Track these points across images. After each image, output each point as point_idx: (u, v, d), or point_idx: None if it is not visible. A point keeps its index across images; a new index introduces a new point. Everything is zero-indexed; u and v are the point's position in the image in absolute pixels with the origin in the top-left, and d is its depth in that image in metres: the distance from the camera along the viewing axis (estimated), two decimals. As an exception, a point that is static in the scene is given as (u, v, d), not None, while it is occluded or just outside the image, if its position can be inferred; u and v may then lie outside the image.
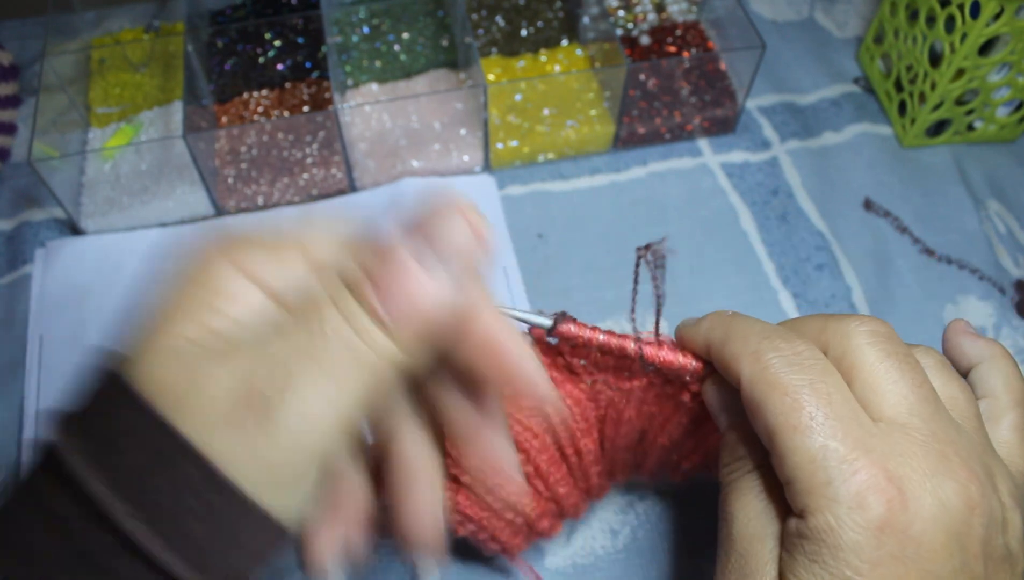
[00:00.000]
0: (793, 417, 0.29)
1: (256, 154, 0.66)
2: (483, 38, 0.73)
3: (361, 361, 0.24)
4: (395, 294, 0.24)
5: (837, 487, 0.28)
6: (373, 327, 0.24)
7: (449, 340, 0.27)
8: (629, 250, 0.64)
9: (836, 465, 0.28)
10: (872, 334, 0.31)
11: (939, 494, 0.28)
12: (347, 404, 0.24)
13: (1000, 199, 0.68)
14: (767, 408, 0.30)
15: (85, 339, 0.59)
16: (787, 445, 0.29)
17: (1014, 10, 0.58)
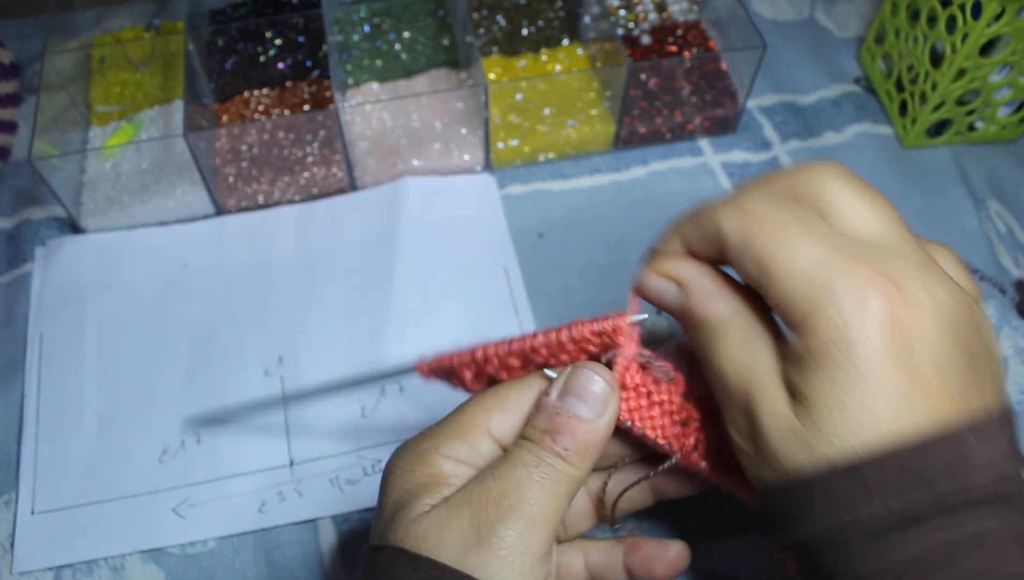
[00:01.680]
0: (781, 241, 0.30)
1: (257, 153, 0.66)
2: (484, 37, 0.73)
3: (556, 481, 0.33)
4: (566, 437, 0.33)
5: (837, 289, 0.28)
6: (558, 460, 0.33)
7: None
8: (629, 250, 0.64)
9: (831, 273, 0.29)
10: (841, 175, 0.33)
11: (932, 293, 0.29)
12: (554, 514, 0.33)
13: (1001, 199, 0.68)
14: (755, 243, 0.30)
15: (85, 338, 0.59)
16: (781, 267, 0.30)
17: (1015, 10, 0.58)
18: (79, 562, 0.50)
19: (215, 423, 0.53)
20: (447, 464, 0.34)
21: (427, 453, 0.34)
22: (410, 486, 0.34)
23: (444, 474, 0.34)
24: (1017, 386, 0.58)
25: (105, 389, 0.56)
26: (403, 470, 0.34)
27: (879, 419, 0.28)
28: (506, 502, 0.32)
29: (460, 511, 0.32)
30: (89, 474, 0.53)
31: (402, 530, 0.33)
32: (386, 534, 0.33)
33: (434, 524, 0.32)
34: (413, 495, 0.33)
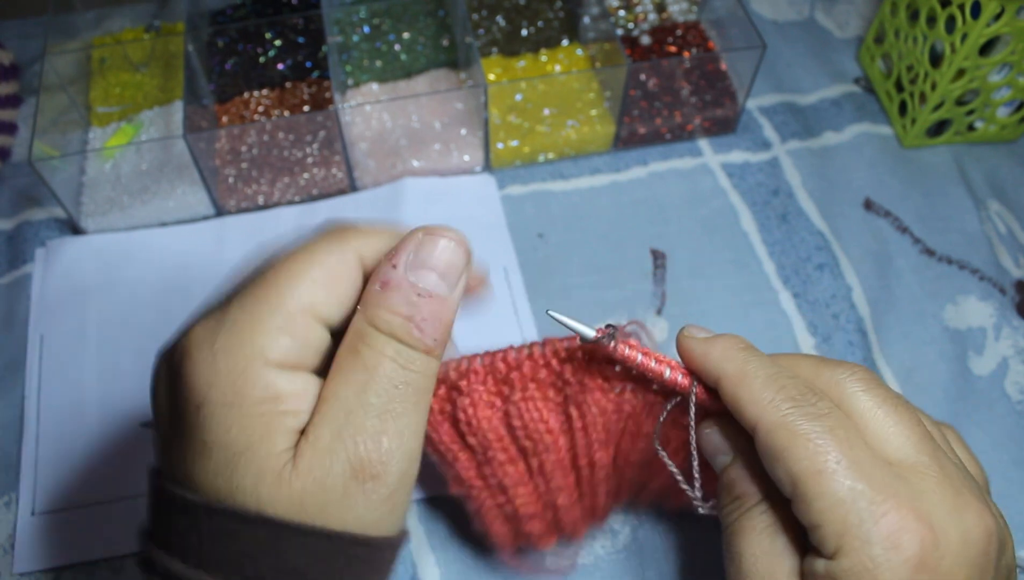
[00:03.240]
0: (818, 462, 0.30)
1: (256, 154, 0.66)
2: (484, 38, 0.73)
3: (421, 387, 0.30)
4: (432, 325, 0.30)
5: (869, 528, 0.29)
6: (421, 357, 0.30)
7: None
8: (629, 250, 0.64)
9: (866, 507, 0.29)
10: (863, 381, 0.33)
11: (962, 528, 0.29)
12: (422, 423, 0.30)
13: (1000, 199, 0.68)
14: (789, 455, 0.30)
15: (85, 339, 0.59)
16: (814, 490, 0.29)
17: (1015, 10, 0.58)
18: (79, 562, 0.50)
19: None
20: (281, 380, 0.29)
21: (251, 366, 0.28)
22: (244, 421, 0.28)
23: (281, 395, 0.28)
24: (1017, 386, 0.58)
25: (105, 390, 0.56)
26: (221, 391, 0.28)
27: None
28: (385, 440, 0.29)
29: (335, 458, 0.28)
30: (89, 475, 0.53)
31: (265, 492, 0.28)
32: (232, 491, 0.28)
33: (310, 481, 0.28)
34: (256, 438, 0.28)
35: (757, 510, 0.33)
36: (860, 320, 0.61)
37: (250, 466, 0.28)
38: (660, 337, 0.60)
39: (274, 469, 0.28)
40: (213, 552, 0.28)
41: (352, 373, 0.29)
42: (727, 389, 0.33)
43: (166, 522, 0.30)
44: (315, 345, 0.30)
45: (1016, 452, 0.55)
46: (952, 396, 0.58)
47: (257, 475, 0.28)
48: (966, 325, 0.61)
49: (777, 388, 0.32)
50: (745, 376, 0.32)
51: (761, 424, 0.31)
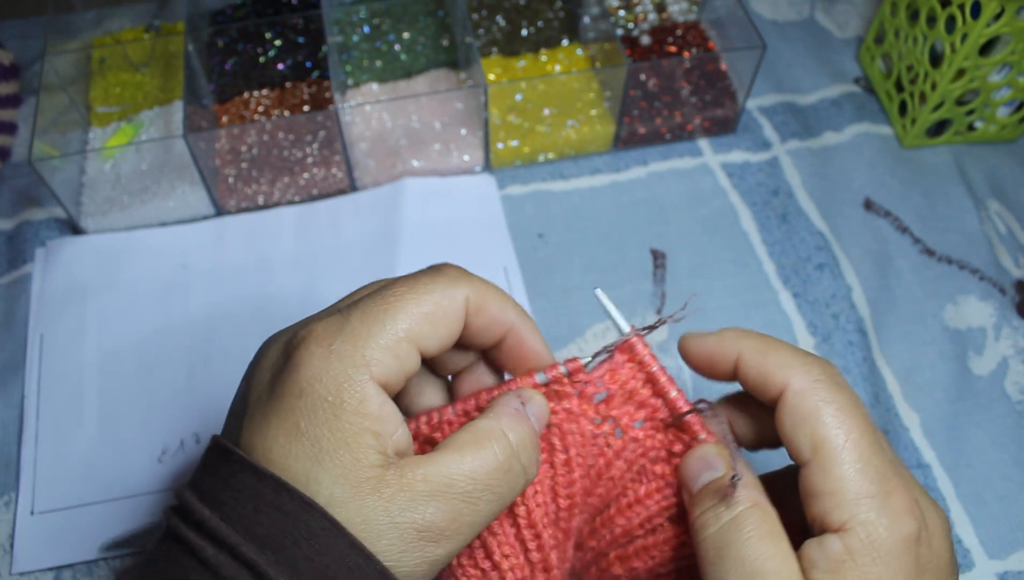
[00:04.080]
0: (847, 429, 0.32)
1: (256, 153, 0.66)
2: (483, 38, 0.73)
3: (507, 498, 0.34)
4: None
5: (881, 502, 0.31)
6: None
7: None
8: (629, 250, 0.64)
9: (880, 481, 0.31)
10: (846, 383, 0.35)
11: (935, 515, 0.33)
12: (491, 520, 0.34)
13: (1000, 199, 0.68)
14: (818, 418, 0.32)
15: (85, 338, 0.59)
16: (836, 456, 0.31)
17: (1015, 10, 0.58)
18: (79, 562, 0.50)
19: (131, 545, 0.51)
20: (377, 398, 0.31)
21: (357, 374, 0.31)
22: (340, 423, 0.30)
23: (372, 412, 0.31)
24: (1017, 386, 0.58)
25: (105, 389, 0.56)
26: (326, 388, 0.30)
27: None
28: (460, 520, 0.32)
29: (414, 507, 0.30)
30: (89, 474, 0.53)
31: (339, 494, 0.30)
32: (308, 479, 0.30)
33: (382, 510, 0.30)
34: (346, 444, 0.30)
35: (752, 512, 0.33)
36: (860, 320, 0.61)
37: (334, 466, 0.30)
38: (660, 337, 0.60)
39: (356, 479, 0.30)
40: (262, 522, 0.29)
41: (467, 456, 0.32)
42: (751, 360, 0.34)
43: (221, 481, 0.31)
44: (408, 370, 0.32)
45: (1016, 452, 0.55)
46: (952, 396, 0.58)
47: (338, 476, 0.30)
48: (966, 325, 0.61)
49: (803, 354, 0.34)
50: (770, 344, 0.34)
51: (792, 385, 0.33)
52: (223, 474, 0.31)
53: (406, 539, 0.30)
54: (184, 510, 0.30)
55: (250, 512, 0.29)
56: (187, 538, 0.29)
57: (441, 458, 0.32)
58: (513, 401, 0.35)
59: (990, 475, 0.55)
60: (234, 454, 0.31)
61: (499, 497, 0.33)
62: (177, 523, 0.30)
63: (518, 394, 0.35)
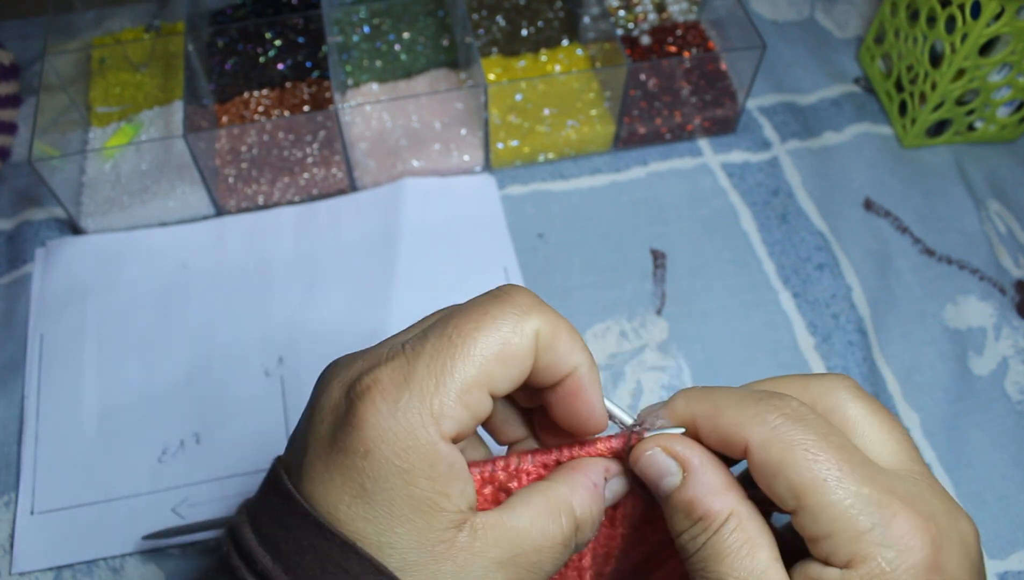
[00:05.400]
0: (819, 470, 0.29)
1: (256, 154, 0.66)
2: (484, 38, 0.73)
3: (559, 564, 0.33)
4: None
5: (882, 532, 0.28)
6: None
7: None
8: (629, 250, 0.64)
9: (876, 510, 0.29)
10: (852, 390, 0.33)
11: (959, 529, 0.30)
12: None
13: (1000, 199, 0.68)
14: (789, 466, 0.29)
15: (85, 339, 0.59)
16: (821, 499, 0.29)
17: (1015, 10, 0.58)
18: (79, 562, 0.50)
19: (169, 537, 0.51)
20: (450, 455, 0.29)
21: (426, 434, 0.29)
22: (410, 489, 0.29)
23: (443, 474, 0.29)
24: (1017, 386, 0.58)
25: (105, 389, 0.56)
26: (393, 450, 0.29)
27: None
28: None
29: (485, 572, 0.30)
30: (89, 474, 0.53)
31: (412, 559, 0.29)
32: (380, 544, 0.29)
33: (449, 574, 0.29)
34: (419, 510, 0.29)
35: (728, 528, 0.31)
36: (860, 320, 0.61)
37: (406, 531, 0.29)
38: (660, 337, 0.60)
39: (430, 544, 0.29)
40: (322, 578, 0.28)
41: (537, 524, 0.31)
42: (707, 423, 0.32)
43: (285, 530, 0.30)
44: (479, 417, 0.30)
45: (1016, 452, 0.55)
46: (952, 396, 0.58)
47: (411, 541, 0.29)
48: (966, 325, 0.61)
49: (756, 402, 0.31)
50: (720, 403, 0.32)
51: (753, 440, 0.30)
52: (286, 521, 0.30)
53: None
54: (245, 551, 0.30)
55: (314, 571, 0.28)
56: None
57: (512, 521, 0.30)
58: (595, 473, 0.33)
59: (990, 475, 0.55)
60: (298, 505, 0.30)
61: (554, 568, 0.32)
62: (239, 565, 0.29)
63: (606, 466, 0.33)
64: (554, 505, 0.31)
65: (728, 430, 0.31)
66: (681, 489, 0.32)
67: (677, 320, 0.60)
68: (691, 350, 0.59)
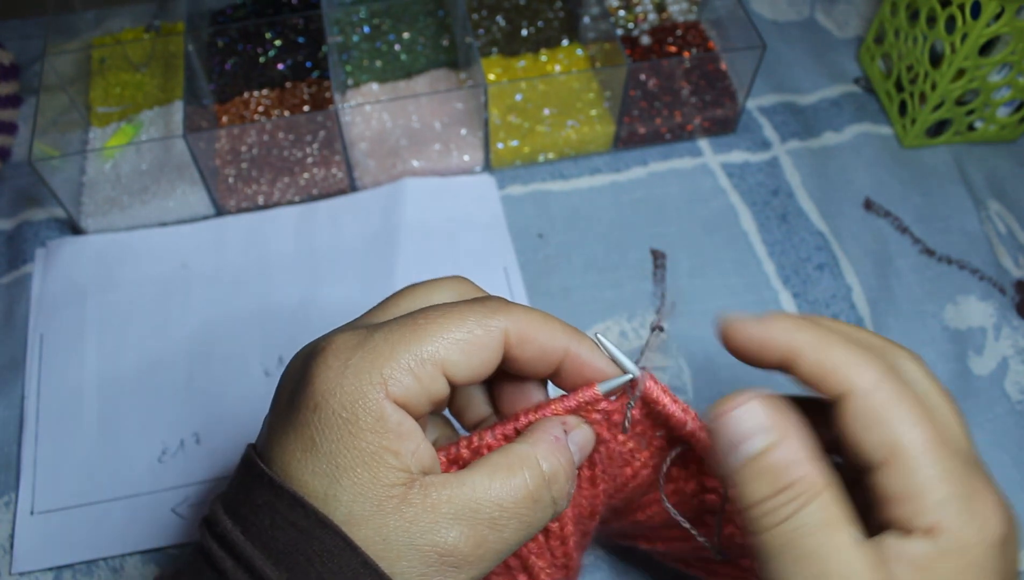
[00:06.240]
0: (926, 430, 0.29)
1: (256, 154, 0.66)
2: (484, 38, 0.73)
3: (536, 527, 0.33)
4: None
5: (969, 505, 0.29)
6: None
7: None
8: (629, 250, 0.64)
9: (967, 482, 0.29)
10: (920, 364, 0.32)
11: (1012, 513, 0.30)
12: (516, 548, 0.32)
13: (1000, 199, 0.68)
14: (891, 420, 0.29)
15: (85, 339, 0.59)
16: (918, 459, 0.29)
17: (1014, 10, 0.58)
18: (79, 562, 0.50)
19: None
20: (394, 415, 0.30)
21: (371, 391, 0.29)
22: (355, 441, 0.29)
23: (389, 429, 0.30)
24: (1017, 386, 0.58)
25: (105, 389, 0.56)
26: (340, 403, 0.29)
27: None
28: (484, 548, 0.31)
29: (436, 531, 0.29)
30: (89, 474, 0.53)
31: (358, 512, 0.29)
32: (326, 497, 0.29)
33: (402, 532, 0.29)
34: (363, 462, 0.29)
35: (824, 498, 0.28)
36: (860, 320, 0.61)
37: (352, 483, 0.29)
38: (660, 337, 0.60)
39: (376, 498, 0.29)
40: (278, 538, 0.29)
41: (496, 480, 0.31)
42: (807, 357, 0.31)
43: (244, 494, 0.31)
44: (434, 396, 0.31)
45: (1016, 452, 0.55)
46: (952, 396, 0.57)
47: (356, 494, 0.29)
48: (966, 325, 0.61)
49: (864, 352, 0.30)
50: (828, 339, 0.31)
51: (859, 384, 0.29)
52: (246, 485, 0.31)
53: (427, 562, 0.29)
54: (212, 520, 0.30)
55: (267, 527, 0.29)
56: (210, 550, 0.29)
57: (469, 479, 0.30)
58: (555, 427, 0.33)
59: (990, 475, 0.55)
60: (255, 467, 0.30)
61: (527, 526, 0.31)
62: (204, 533, 0.30)
63: (563, 420, 0.33)
64: (515, 460, 0.31)
65: (833, 368, 0.30)
66: (771, 452, 0.29)
67: (677, 320, 0.60)
68: (691, 350, 0.59)
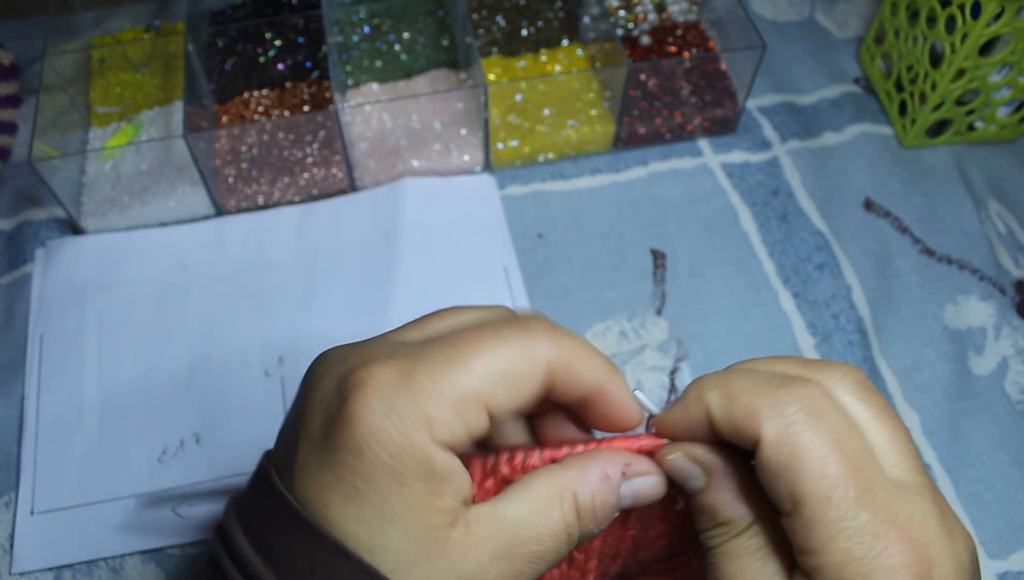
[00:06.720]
0: (825, 485, 0.28)
1: (256, 154, 0.66)
2: (484, 38, 0.73)
3: (554, 560, 0.32)
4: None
5: (872, 562, 0.27)
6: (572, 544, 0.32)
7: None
8: (629, 250, 0.64)
9: (871, 540, 0.28)
10: (855, 387, 0.31)
11: (954, 552, 0.28)
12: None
13: (1000, 199, 0.68)
14: (795, 472, 0.28)
15: (85, 339, 0.59)
16: (819, 515, 0.28)
17: (1015, 10, 0.58)
18: (79, 562, 0.50)
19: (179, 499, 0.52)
20: (440, 457, 0.28)
21: (418, 437, 0.28)
22: (403, 490, 0.28)
23: (436, 473, 0.28)
24: (1017, 386, 0.58)
25: (105, 389, 0.56)
26: (386, 451, 0.28)
27: None
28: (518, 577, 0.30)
29: (481, 563, 0.29)
30: (89, 474, 0.53)
31: (405, 556, 0.28)
32: (373, 546, 0.28)
33: (446, 568, 0.28)
34: (411, 509, 0.28)
35: (748, 534, 0.30)
36: (860, 320, 0.61)
37: (399, 532, 0.28)
38: (660, 337, 0.60)
39: (423, 544, 0.28)
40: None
41: (536, 513, 0.30)
42: (718, 414, 0.30)
43: (272, 529, 0.29)
44: (475, 432, 0.29)
45: (1016, 452, 0.55)
46: (952, 396, 0.58)
47: (404, 542, 0.28)
48: (966, 325, 0.61)
49: (775, 388, 0.29)
50: (734, 389, 0.30)
51: (766, 436, 0.29)
52: (276, 521, 0.29)
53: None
54: (234, 551, 0.29)
55: (307, 575, 0.28)
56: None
57: (510, 512, 0.29)
58: (610, 464, 0.31)
59: (990, 475, 0.55)
60: (289, 505, 0.29)
61: (556, 557, 0.31)
62: (230, 568, 0.29)
63: (626, 460, 0.32)
64: (556, 491, 0.30)
65: (741, 421, 0.29)
66: (704, 493, 0.31)
67: (677, 320, 0.60)
68: (691, 350, 0.59)
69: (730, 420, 0.30)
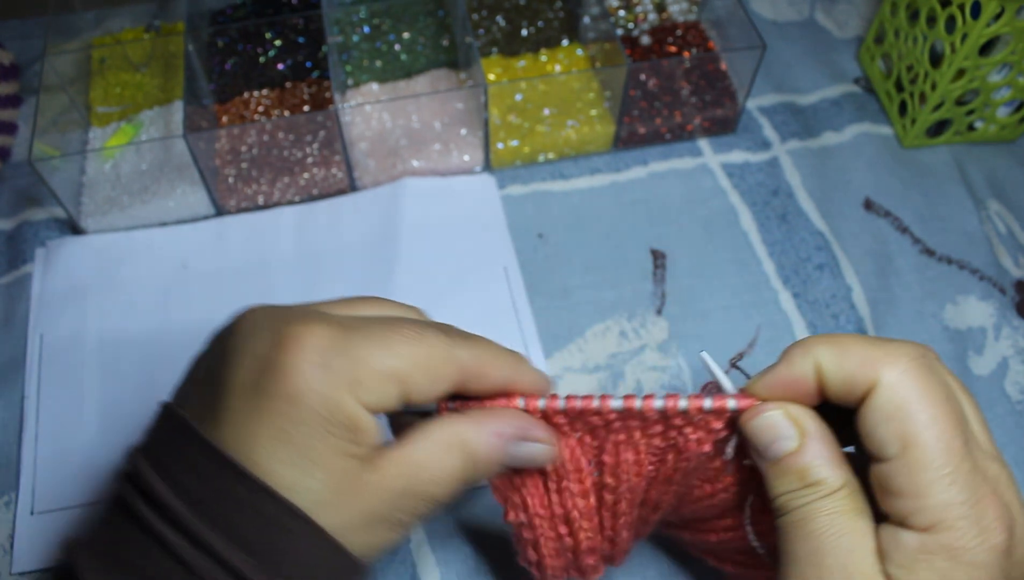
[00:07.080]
0: (937, 429, 0.30)
1: (256, 153, 0.66)
2: (484, 38, 0.73)
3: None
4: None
5: (970, 510, 0.29)
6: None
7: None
8: (629, 250, 0.64)
9: (972, 487, 0.29)
10: (940, 360, 0.33)
11: (1019, 522, 0.30)
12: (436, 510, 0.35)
13: (1000, 199, 0.68)
14: (910, 415, 0.30)
15: (85, 339, 0.59)
16: (927, 460, 0.29)
17: (1015, 10, 0.58)
18: (79, 562, 0.50)
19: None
20: (363, 416, 0.31)
21: (348, 397, 0.31)
22: (330, 439, 0.31)
23: (360, 428, 0.31)
24: (1017, 386, 0.58)
25: (105, 389, 0.56)
26: (320, 401, 0.30)
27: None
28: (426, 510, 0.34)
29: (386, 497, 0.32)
30: (89, 474, 0.53)
31: (326, 497, 0.31)
32: (294, 486, 0.31)
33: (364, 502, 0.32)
34: (333, 455, 0.31)
35: (840, 494, 0.31)
36: (860, 320, 0.61)
37: (320, 474, 0.31)
38: (660, 337, 0.60)
39: (339, 487, 0.31)
40: (242, 524, 0.30)
41: (436, 459, 0.33)
42: (830, 365, 0.32)
43: (195, 475, 0.31)
44: (386, 406, 0.32)
45: (1016, 452, 0.55)
46: (952, 396, 0.58)
47: (323, 484, 0.31)
48: (966, 325, 0.61)
49: (885, 342, 0.31)
50: (846, 342, 0.32)
51: (884, 378, 0.30)
52: (198, 466, 0.31)
53: (374, 531, 0.32)
54: (152, 497, 0.30)
55: (233, 517, 0.30)
56: (163, 535, 0.30)
57: (412, 455, 0.33)
58: (507, 426, 0.35)
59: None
60: (213, 450, 0.30)
61: (449, 497, 0.34)
62: (147, 515, 0.30)
63: (527, 423, 0.35)
64: (454, 439, 0.34)
65: (857, 370, 0.31)
66: (797, 454, 0.32)
67: (677, 320, 0.60)
68: (691, 350, 0.59)
69: (842, 370, 0.31)
